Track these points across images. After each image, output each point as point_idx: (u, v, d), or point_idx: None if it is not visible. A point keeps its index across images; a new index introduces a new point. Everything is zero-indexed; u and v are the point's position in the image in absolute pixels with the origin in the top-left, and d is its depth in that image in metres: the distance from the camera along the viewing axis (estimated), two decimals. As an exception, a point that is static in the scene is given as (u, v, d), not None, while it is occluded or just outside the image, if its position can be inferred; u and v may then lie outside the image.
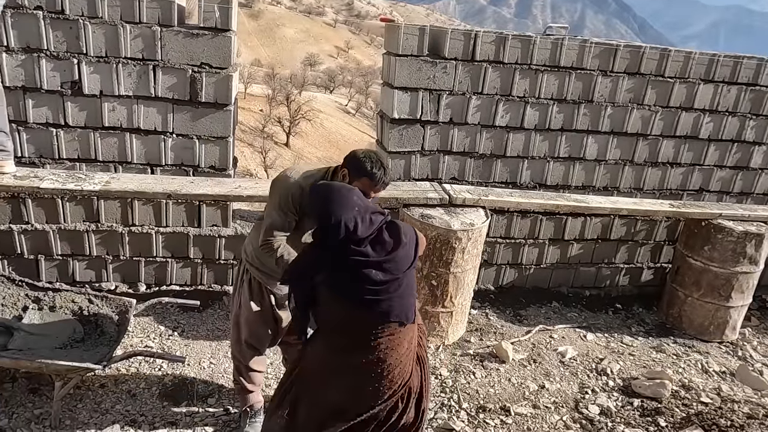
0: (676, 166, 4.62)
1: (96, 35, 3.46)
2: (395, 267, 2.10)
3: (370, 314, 2.11)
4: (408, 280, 2.17)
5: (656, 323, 4.54)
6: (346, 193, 2.11)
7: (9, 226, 3.76)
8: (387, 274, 2.07)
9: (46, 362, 2.71)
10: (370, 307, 2.09)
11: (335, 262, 2.07)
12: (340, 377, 2.20)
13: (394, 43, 3.91)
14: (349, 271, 2.06)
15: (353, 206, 2.06)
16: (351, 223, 2.02)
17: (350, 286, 2.07)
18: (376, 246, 2.08)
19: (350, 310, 2.12)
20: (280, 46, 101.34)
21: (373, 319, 2.11)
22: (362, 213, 2.06)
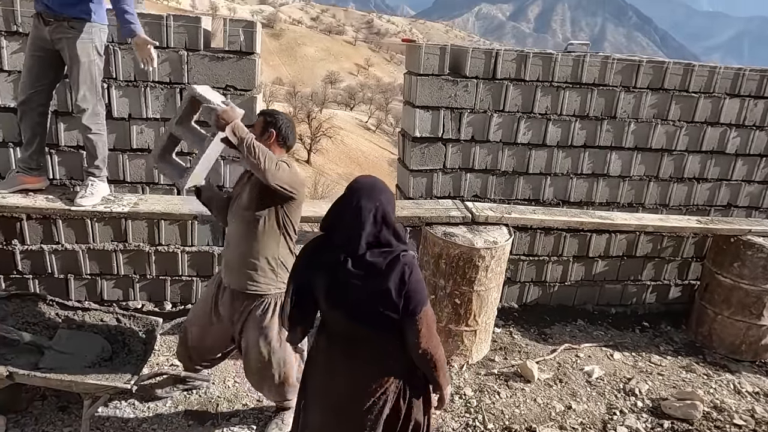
0: (702, 182, 4.56)
1: (125, 60, 3.56)
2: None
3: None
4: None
5: (685, 342, 4.45)
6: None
7: (40, 246, 3.85)
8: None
9: (76, 380, 2.75)
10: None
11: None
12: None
13: (416, 63, 3.95)
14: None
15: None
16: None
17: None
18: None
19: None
20: (301, 65, 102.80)
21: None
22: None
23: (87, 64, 3.18)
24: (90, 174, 3.41)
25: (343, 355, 2.16)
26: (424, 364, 2.09)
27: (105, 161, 3.46)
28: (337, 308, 2.08)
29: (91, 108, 3.27)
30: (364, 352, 2.12)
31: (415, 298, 2.00)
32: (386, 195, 2.07)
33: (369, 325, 2.06)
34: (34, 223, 3.80)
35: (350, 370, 2.15)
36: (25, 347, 2.97)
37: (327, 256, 2.08)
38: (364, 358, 2.12)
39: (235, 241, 2.75)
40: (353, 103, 70.21)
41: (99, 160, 3.41)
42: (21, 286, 3.89)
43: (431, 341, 2.05)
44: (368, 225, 2.00)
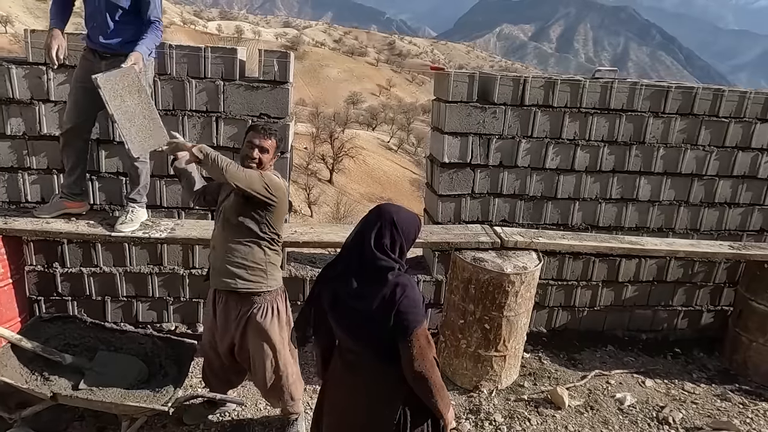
0: (734, 207, 4.51)
1: (165, 91, 3.70)
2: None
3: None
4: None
5: (719, 369, 4.37)
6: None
7: (80, 268, 3.97)
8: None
9: (116, 402, 2.83)
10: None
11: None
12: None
13: (444, 90, 4.01)
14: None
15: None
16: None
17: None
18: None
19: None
20: (324, 86, 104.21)
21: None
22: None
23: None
24: (131, 200, 3.53)
25: (347, 376, 2.19)
26: (419, 387, 2.02)
27: (147, 188, 3.59)
28: (339, 326, 2.13)
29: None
30: (363, 375, 2.13)
31: (407, 319, 1.98)
32: (399, 216, 2.08)
33: (365, 346, 2.08)
34: (75, 247, 3.92)
35: (351, 393, 2.18)
36: (66, 368, 3.06)
37: (334, 272, 2.13)
38: (364, 381, 2.13)
39: (221, 244, 2.81)
40: (375, 123, 70.80)
41: (141, 187, 3.53)
42: (60, 307, 4.01)
43: (425, 363, 1.99)
44: (369, 243, 2.03)
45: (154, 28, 3.25)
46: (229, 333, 2.92)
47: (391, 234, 2.04)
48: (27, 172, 3.78)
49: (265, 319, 2.86)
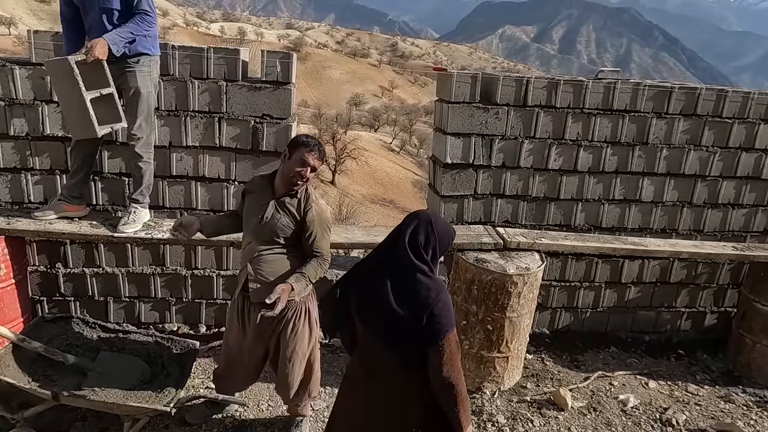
0: (738, 208, 4.50)
1: (167, 91, 3.70)
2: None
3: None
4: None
5: (723, 371, 4.35)
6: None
7: (82, 269, 3.98)
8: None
9: (118, 402, 2.83)
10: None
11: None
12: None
13: (447, 91, 4.01)
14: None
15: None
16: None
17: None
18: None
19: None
20: (327, 87, 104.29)
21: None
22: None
23: (146, 96, 3.36)
24: (134, 201, 3.54)
25: (368, 380, 2.17)
26: (445, 395, 1.98)
27: (149, 189, 3.60)
28: (366, 326, 2.11)
29: (144, 137, 3.43)
30: (385, 379, 2.11)
31: (440, 322, 1.95)
32: (436, 218, 2.09)
33: (392, 348, 2.05)
34: (77, 247, 3.93)
35: (370, 397, 2.16)
36: (68, 369, 3.06)
37: (362, 271, 2.13)
38: (385, 386, 2.11)
39: (262, 259, 2.79)
40: (378, 124, 70.77)
41: (144, 187, 3.54)
42: (63, 308, 4.02)
43: (453, 370, 1.96)
44: (404, 240, 2.03)
45: (139, 19, 3.21)
46: (264, 341, 2.93)
47: (426, 234, 2.04)
48: (30, 173, 3.78)
49: (299, 321, 2.91)
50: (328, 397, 3.62)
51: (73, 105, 3.06)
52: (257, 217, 2.78)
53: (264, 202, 2.78)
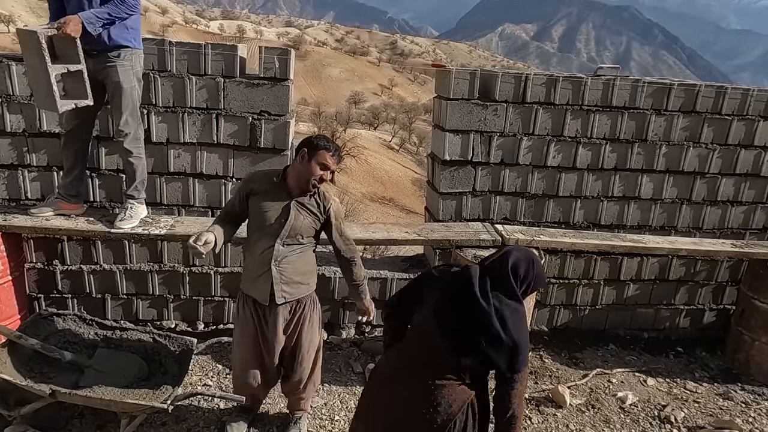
0: (737, 205, 4.49)
1: (165, 87, 3.69)
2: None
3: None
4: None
5: (721, 368, 4.34)
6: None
7: (80, 266, 3.96)
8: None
9: (115, 400, 2.82)
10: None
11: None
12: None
13: (445, 88, 4.00)
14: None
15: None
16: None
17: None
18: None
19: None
20: (326, 85, 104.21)
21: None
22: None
23: (129, 90, 3.31)
24: (129, 197, 3.52)
25: (404, 380, 2.15)
26: (506, 424, 2.03)
27: (144, 184, 3.57)
28: (440, 321, 2.08)
29: (132, 132, 3.39)
30: (429, 382, 2.09)
31: (523, 354, 2.00)
32: (537, 259, 2.14)
33: (460, 354, 2.04)
34: (75, 244, 3.92)
35: (406, 398, 2.14)
36: (66, 366, 3.06)
37: (449, 272, 2.17)
38: (426, 388, 2.09)
39: (292, 260, 2.80)
40: (377, 122, 70.70)
41: (138, 182, 3.52)
42: (60, 305, 4.01)
43: (520, 404, 2.02)
44: (507, 263, 2.08)
45: (119, 1, 3.13)
46: (282, 339, 2.93)
47: (527, 269, 2.09)
48: (27, 170, 3.77)
49: (313, 314, 2.97)
50: (326, 394, 3.61)
51: (38, 78, 3.02)
52: (278, 220, 2.74)
53: (282, 205, 2.74)
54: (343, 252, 2.89)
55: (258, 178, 2.84)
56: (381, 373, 2.31)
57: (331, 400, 3.56)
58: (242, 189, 2.82)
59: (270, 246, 2.75)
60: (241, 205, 2.84)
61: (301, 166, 2.70)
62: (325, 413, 3.44)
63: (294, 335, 2.95)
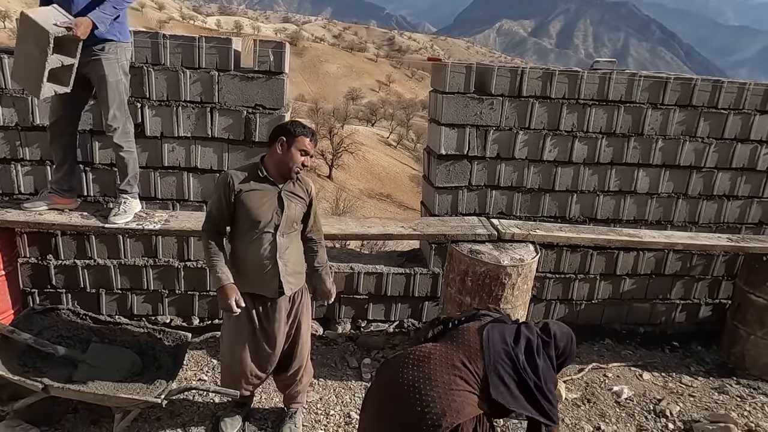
0: (733, 199, 4.49)
1: (158, 81, 3.66)
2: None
3: None
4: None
5: (717, 362, 4.35)
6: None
7: (74, 261, 3.95)
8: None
9: (108, 394, 2.81)
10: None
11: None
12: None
13: (441, 81, 3.98)
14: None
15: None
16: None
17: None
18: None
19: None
20: (324, 81, 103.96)
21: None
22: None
23: (115, 84, 3.26)
24: (122, 192, 3.50)
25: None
26: None
27: (136, 178, 3.55)
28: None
29: (120, 127, 3.35)
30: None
31: (555, 409, 2.20)
32: (573, 341, 2.41)
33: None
34: (69, 239, 3.90)
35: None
36: (59, 360, 3.04)
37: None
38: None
39: (293, 250, 2.86)
40: (375, 119, 70.59)
41: (130, 177, 3.50)
42: (55, 300, 3.99)
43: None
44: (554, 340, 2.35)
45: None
46: (285, 330, 2.95)
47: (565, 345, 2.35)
48: (20, 164, 3.75)
49: (308, 301, 3.04)
50: (321, 389, 3.61)
51: (30, 63, 2.98)
52: (274, 213, 2.73)
53: (272, 197, 2.74)
54: (312, 234, 2.96)
55: (239, 177, 2.72)
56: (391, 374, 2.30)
57: (326, 394, 3.56)
58: (226, 193, 2.69)
59: (272, 240, 2.76)
60: (229, 209, 2.72)
61: (281, 154, 2.70)
62: (320, 408, 3.43)
63: (295, 324, 2.98)
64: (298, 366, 3.07)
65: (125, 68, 3.35)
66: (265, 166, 2.75)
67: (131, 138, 3.46)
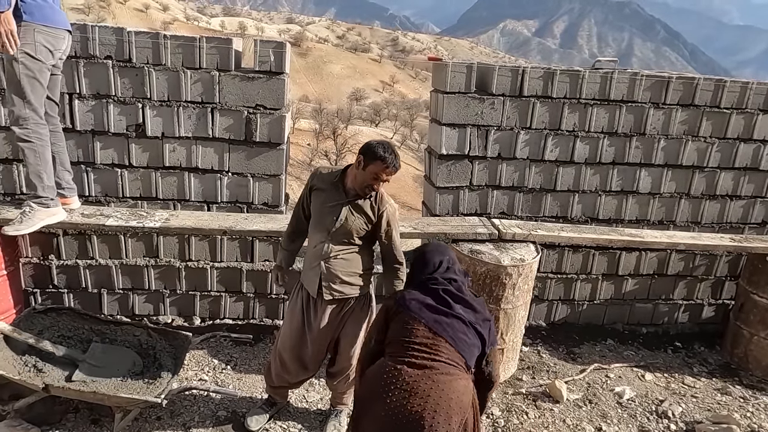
0: (736, 199, 4.46)
1: (159, 81, 3.67)
2: (464, 310, 2.37)
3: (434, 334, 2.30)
4: (470, 334, 2.35)
5: (720, 363, 4.33)
6: (446, 249, 2.60)
7: (75, 261, 3.95)
8: (459, 306, 2.36)
9: (108, 394, 2.81)
10: (431, 320, 2.31)
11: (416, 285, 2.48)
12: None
13: (442, 81, 3.97)
14: (428, 289, 2.42)
15: (447, 255, 2.54)
16: (440, 263, 2.50)
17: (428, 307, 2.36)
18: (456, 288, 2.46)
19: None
20: (327, 82, 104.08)
21: (430, 330, 2.30)
22: (452, 262, 2.52)
23: (11, 67, 3.01)
24: (27, 195, 3.30)
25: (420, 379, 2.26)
26: (490, 388, 2.53)
27: (41, 178, 3.19)
28: (439, 329, 2.34)
29: (17, 113, 3.07)
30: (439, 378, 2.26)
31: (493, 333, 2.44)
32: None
33: (464, 351, 2.32)
34: (70, 239, 3.91)
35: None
36: (59, 360, 3.05)
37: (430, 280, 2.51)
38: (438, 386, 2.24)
39: (342, 259, 2.84)
40: (378, 119, 70.64)
41: (32, 174, 3.19)
42: (56, 299, 4.00)
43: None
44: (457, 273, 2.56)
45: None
46: (332, 330, 2.96)
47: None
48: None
49: (360, 313, 2.99)
50: (321, 388, 3.60)
51: None
52: (331, 218, 2.78)
53: (336, 204, 2.79)
54: (387, 259, 2.92)
55: (320, 176, 2.88)
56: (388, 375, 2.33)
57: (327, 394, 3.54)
58: (307, 185, 2.90)
59: (321, 242, 2.82)
60: (306, 200, 2.92)
61: (357, 171, 2.73)
62: (322, 408, 3.42)
63: (339, 330, 2.98)
64: (341, 368, 3.06)
65: (33, 51, 3.02)
66: (345, 176, 2.81)
67: (31, 127, 3.10)
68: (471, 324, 2.34)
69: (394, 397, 2.18)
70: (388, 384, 2.21)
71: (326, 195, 2.82)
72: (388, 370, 2.24)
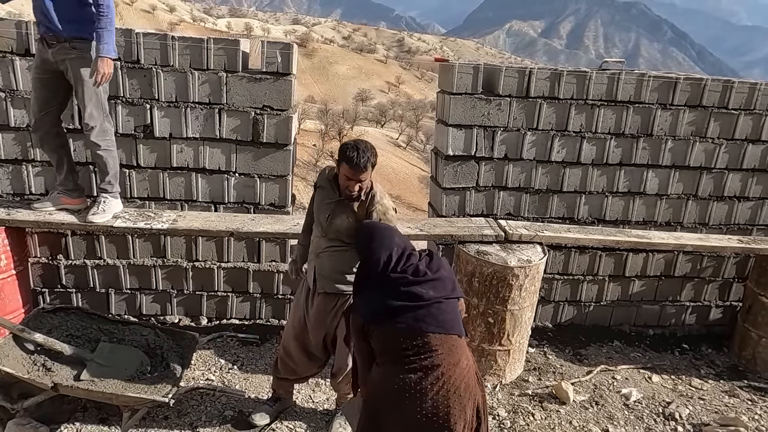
0: (744, 200, 4.44)
1: (167, 82, 3.69)
2: (432, 288, 2.29)
3: (408, 329, 2.25)
4: (449, 307, 2.31)
5: (727, 365, 4.30)
6: (388, 233, 2.46)
7: (84, 261, 3.98)
8: (425, 292, 2.27)
9: (116, 393, 2.83)
10: (408, 323, 2.25)
11: (374, 288, 2.36)
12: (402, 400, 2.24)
13: (448, 82, 3.98)
14: (389, 292, 2.29)
15: (392, 245, 2.38)
16: (388, 258, 2.35)
17: (389, 307, 2.28)
18: (413, 273, 2.33)
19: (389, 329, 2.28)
20: (333, 83, 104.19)
21: (412, 332, 2.24)
22: (399, 250, 2.37)
23: (90, 83, 3.20)
24: (102, 191, 3.48)
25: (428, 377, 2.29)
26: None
27: (117, 177, 3.53)
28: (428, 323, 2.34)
29: (98, 125, 3.32)
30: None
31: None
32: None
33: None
34: (78, 239, 3.93)
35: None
36: (68, 359, 3.07)
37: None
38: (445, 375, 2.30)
39: (331, 256, 2.87)
40: (384, 120, 70.61)
41: (110, 176, 3.47)
42: (65, 299, 4.03)
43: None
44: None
45: (102, 13, 3.07)
46: (324, 326, 2.98)
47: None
48: (31, 164, 3.79)
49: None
50: (327, 389, 3.61)
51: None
52: (324, 216, 2.85)
53: (330, 202, 2.85)
54: None
55: (325, 174, 2.94)
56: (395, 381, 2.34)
57: (333, 395, 3.55)
58: (316, 182, 2.97)
59: (317, 237, 2.91)
60: (312, 197, 3.00)
61: (338, 173, 2.78)
62: (326, 407, 3.43)
63: (334, 325, 2.99)
64: (339, 367, 3.07)
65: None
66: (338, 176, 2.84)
67: (109, 137, 3.42)
68: (446, 298, 2.31)
69: (406, 409, 2.20)
70: (401, 393, 2.22)
71: (324, 193, 2.89)
72: (394, 379, 2.25)
